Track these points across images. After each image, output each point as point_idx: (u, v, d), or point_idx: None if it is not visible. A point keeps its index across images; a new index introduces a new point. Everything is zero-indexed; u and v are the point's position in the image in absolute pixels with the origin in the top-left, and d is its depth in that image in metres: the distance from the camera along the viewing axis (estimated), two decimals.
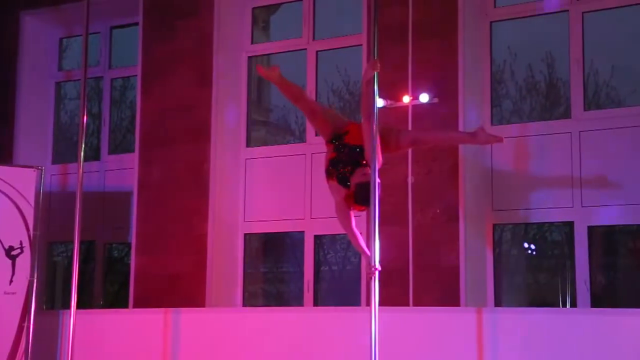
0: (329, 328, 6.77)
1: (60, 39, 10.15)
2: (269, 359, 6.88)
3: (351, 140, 5.04)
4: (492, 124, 7.84)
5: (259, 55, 9.04)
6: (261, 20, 9.15)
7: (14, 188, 7.32)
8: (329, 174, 5.04)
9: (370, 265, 4.76)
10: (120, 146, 9.79)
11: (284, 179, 8.56)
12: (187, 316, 7.33)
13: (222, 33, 8.67)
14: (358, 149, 4.98)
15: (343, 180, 4.96)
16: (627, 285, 7.64)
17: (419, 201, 7.53)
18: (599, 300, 7.36)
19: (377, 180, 4.80)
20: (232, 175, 8.67)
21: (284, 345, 6.86)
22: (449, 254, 7.35)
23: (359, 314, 6.38)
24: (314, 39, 8.64)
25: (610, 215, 7.36)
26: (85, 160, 6.72)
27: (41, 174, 7.52)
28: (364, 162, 4.97)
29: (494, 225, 7.77)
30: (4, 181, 7.29)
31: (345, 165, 4.97)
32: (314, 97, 8.51)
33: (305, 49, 8.68)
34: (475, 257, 7.49)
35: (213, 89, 8.55)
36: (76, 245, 6.49)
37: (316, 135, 8.02)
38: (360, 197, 4.87)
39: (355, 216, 5.08)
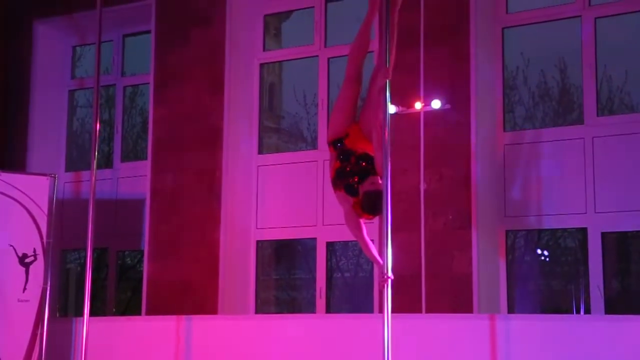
0: (341, 335, 6.76)
1: (74, 47, 10.20)
2: None
3: (351, 144, 5.01)
4: (504, 130, 7.82)
5: (271, 62, 9.06)
6: (273, 27, 9.17)
7: (27, 196, 7.35)
8: (336, 185, 4.99)
9: (382, 274, 4.75)
10: (131, 153, 9.82)
11: (296, 185, 8.56)
12: (200, 323, 7.33)
13: (234, 40, 8.70)
14: (366, 159, 4.94)
15: (351, 191, 4.92)
16: None
17: (431, 207, 7.51)
18: (612, 306, 7.32)
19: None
20: (244, 182, 8.68)
21: (297, 352, 6.85)
22: (461, 261, 7.33)
23: (372, 320, 6.36)
24: (325, 45, 8.64)
25: (624, 222, 7.32)
26: (98, 167, 6.74)
27: (54, 182, 7.55)
28: (370, 166, 4.93)
29: (507, 232, 7.74)
30: (18, 189, 7.33)
31: (353, 175, 4.93)
32: (326, 105, 8.53)
33: (317, 55, 8.69)
34: (488, 264, 7.46)
35: (225, 96, 8.56)
36: (89, 252, 6.51)
37: None
38: (366, 206, 4.84)
39: (367, 223, 5.06)
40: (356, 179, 4.89)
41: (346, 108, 5.13)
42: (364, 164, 4.93)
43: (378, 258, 4.93)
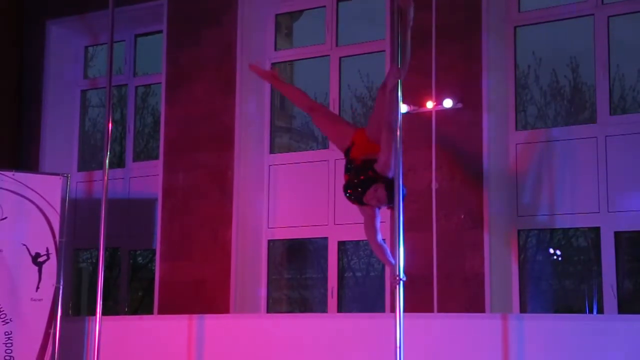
0: (353, 334, 6.75)
1: (86, 47, 10.24)
2: None
3: (356, 152, 5.06)
4: (516, 129, 7.80)
5: (282, 62, 9.07)
6: (284, 27, 9.18)
7: (40, 195, 7.38)
8: (349, 200, 5.11)
9: (394, 276, 4.75)
10: (143, 153, 9.85)
11: (308, 185, 8.56)
12: (212, 322, 7.34)
13: (245, 40, 8.71)
14: (365, 169, 4.98)
15: (359, 200, 5.03)
16: None
17: (443, 207, 7.50)
18: (626, 306, 7.29)
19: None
20: (256, 181, 8.69)
21: (308, 351, 6.85)
22: (473, 260, 7.32)
23: (384, 320, 6.36)
24: (337, 45, 8.64)
25: (637, 221, 7.28)
26: (110, 167, 6.77)
27: (67, 181, 7.58)
28: (373, 173, 4.97)
29: (519, 231, 7.72)
30: (31, 188, 7.36)
31: (356, 187, 4.99)
32: (338, 104, 8.53)
33: (329, 55, 8.68)
34: (500, 263, 7.45)
35: (236, 96, 8.58)
36: (101, 252, 6.53)
37: None
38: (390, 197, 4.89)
39: (381, 222, 5.09)
40: (359, 190, 4.97)
41: (337, 120, 5.25)
42: (368, 173, 4.95)
43: (390, 259, 4.94)
